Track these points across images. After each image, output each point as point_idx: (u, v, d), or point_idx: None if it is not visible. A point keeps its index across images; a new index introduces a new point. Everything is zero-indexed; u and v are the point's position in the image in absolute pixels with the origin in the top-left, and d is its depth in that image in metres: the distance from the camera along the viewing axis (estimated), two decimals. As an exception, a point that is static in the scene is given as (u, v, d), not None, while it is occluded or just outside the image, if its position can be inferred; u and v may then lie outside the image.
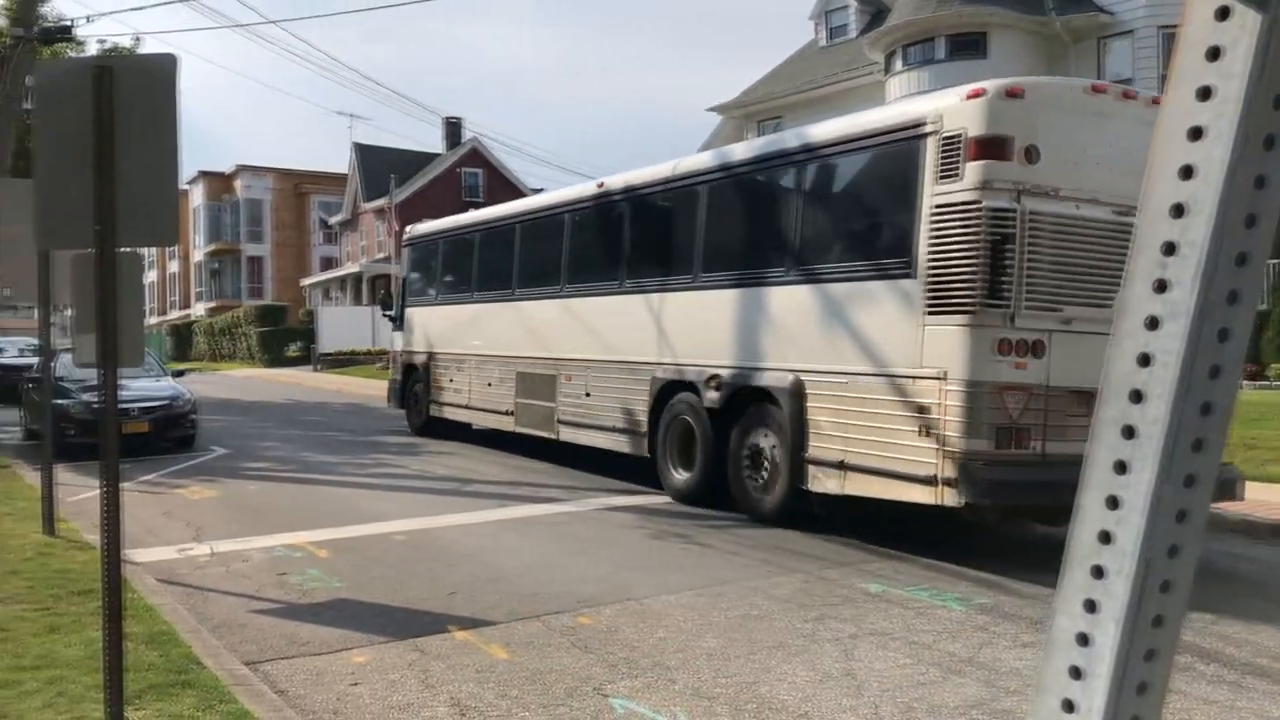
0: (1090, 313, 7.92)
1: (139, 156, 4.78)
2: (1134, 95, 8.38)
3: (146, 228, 4.88)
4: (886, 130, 8.59)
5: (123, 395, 17.80)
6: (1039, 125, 7.74)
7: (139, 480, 13.02)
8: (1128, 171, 8.04)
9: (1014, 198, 7.64)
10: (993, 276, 7.66)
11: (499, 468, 14.51)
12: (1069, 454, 7.84)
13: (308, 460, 15.24)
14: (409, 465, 14.64)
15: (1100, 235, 7.95)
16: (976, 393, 7.73)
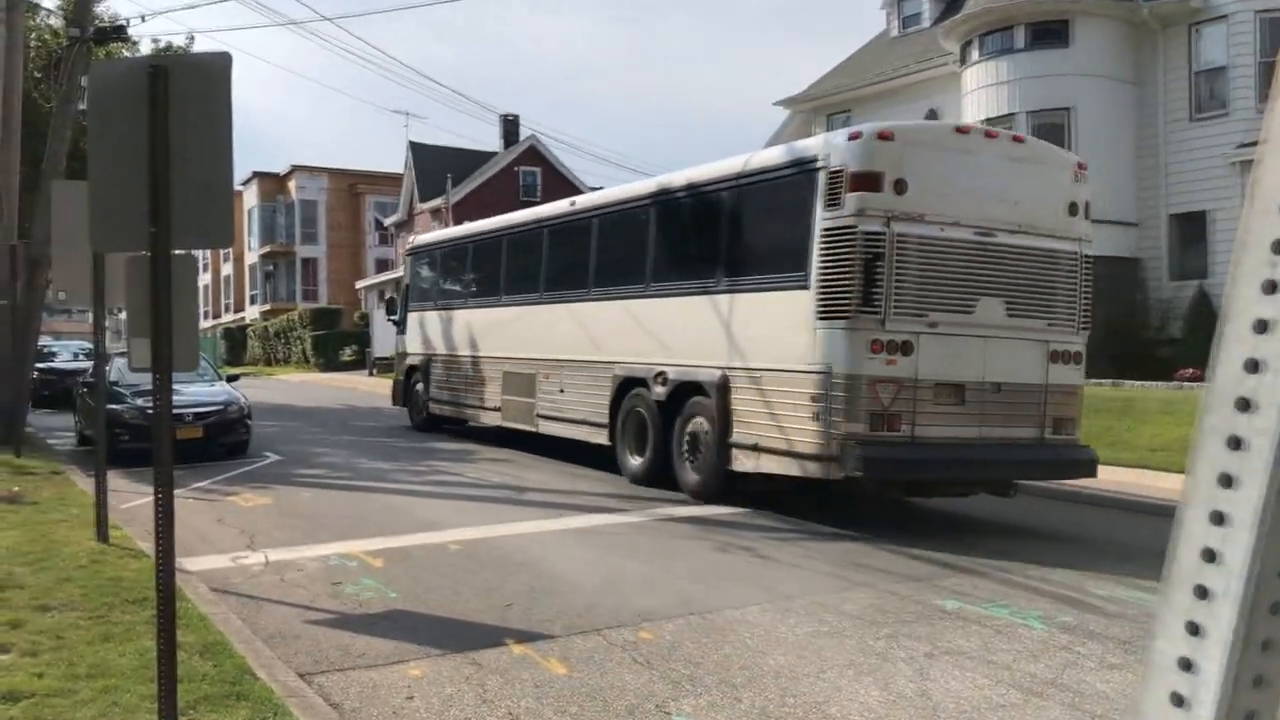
0: (953, 318, 10.06)
1: (193, 157, 4.87)
2: (995, 135, 10.60)
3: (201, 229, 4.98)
4: (789, 164, 10.68)
5: (176, 400, 18.03)
6: (907, 162, 9.85)
7: (192, 487, 13.28)
8: (989, 198, 10.15)
9: (884, 223, 9.75)
10: (866, 288, 9.75)
11: (555, 476, 14.58)
12: (935, 436, 10.07)
13: (361, 467, 15.43)
14: (464, 473, 14.76)
15: (962, 252, 10.06)
16: (854, 384, 9.82)
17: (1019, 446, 10.66)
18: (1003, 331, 10.48)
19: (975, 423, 10.40)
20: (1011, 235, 10.45)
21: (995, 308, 10.41)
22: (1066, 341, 10.79)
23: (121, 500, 11.99)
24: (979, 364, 10.38)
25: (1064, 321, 10.80)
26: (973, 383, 10.36)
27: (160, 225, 4.77)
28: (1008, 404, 10.58)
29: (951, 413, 10.27)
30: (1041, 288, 10.65)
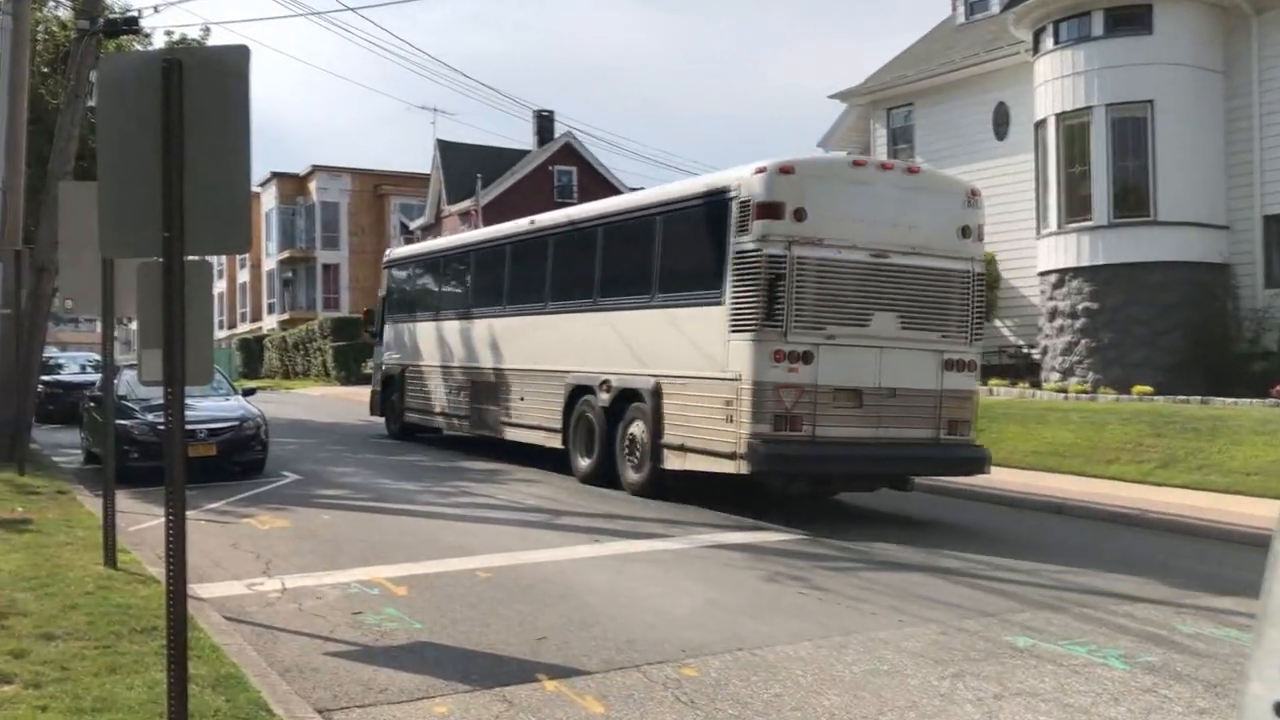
0: (850, 330, 12.30)
1: (209, 156, 4.94)
2: (891, 166, 13.00)
3: (217, 234, 5.05)
4: (709, 194, 12.97)
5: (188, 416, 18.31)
6: (807, 192, 12.11)
7: (204, 508, 13.43)
8: (883, 223, 12.44)
9: (785, 246, 12.02)
10: (769, 304, 11.99)
11: (593, 499, 14.59)
12: (835, 436, 12.29)
13: (385, 488, 15.54)
14: (494, 494, 14.82)
15: (857, 272, 12.34)
16: (760, 390, 12.04)
17: (914, 445, 12.85)
18: (897, 342, 12.69)
19: (872, 424, 12.62)
20: (905, 256, 12.70)
21: (889, 321, 12.66)
22: (960, 351, 13.06)
23: (130, 522, 12.15)
24: (875, 371, 12.61)
25: (956, 333, 13.04)
26: (869, 388, 12.58)
27: (174, 229, 4.85)
28: (903, 407, 12.79)
29: (850, 415, 12.49)
30: (934, 303, 12.89)
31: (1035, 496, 15.06)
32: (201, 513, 13.09)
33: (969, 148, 29.32)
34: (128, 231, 4.93)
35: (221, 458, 16.31)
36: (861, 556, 10.93)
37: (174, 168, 4.85)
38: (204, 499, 14.17)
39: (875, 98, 31.89)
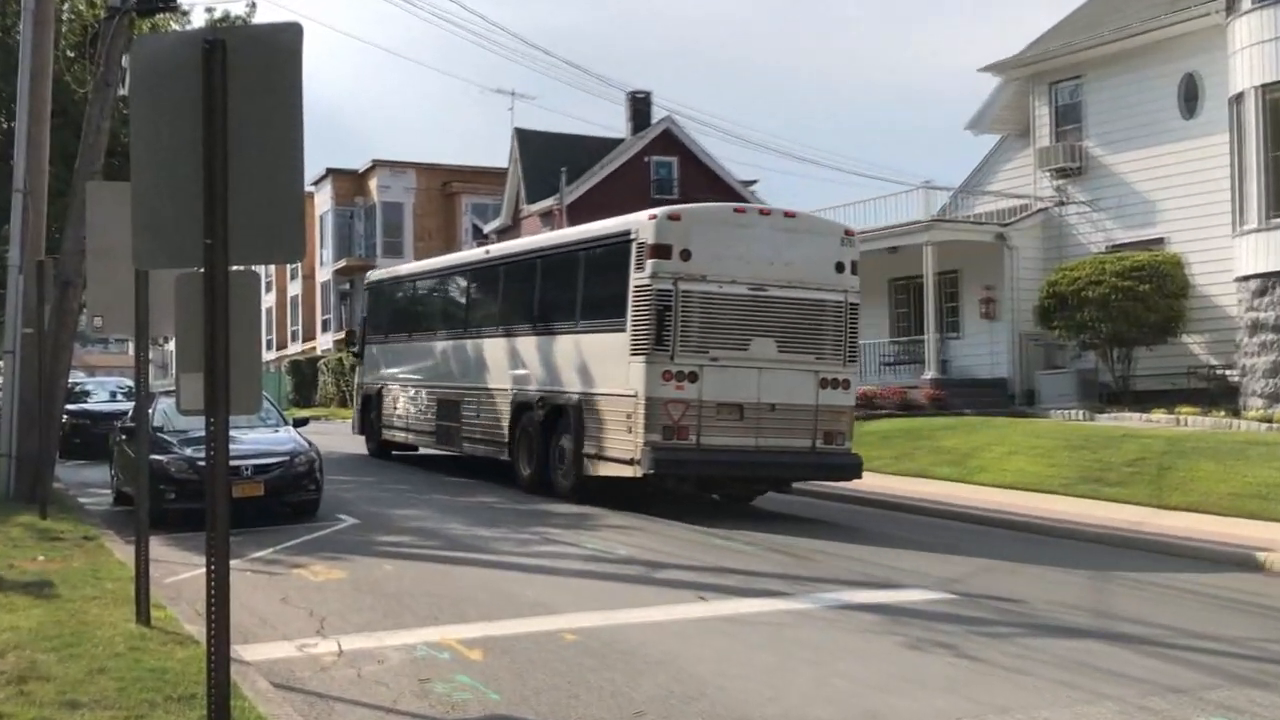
0: (731, 353, 16.80)
1: (257, 151, 5.05)
2: (769, 212, 17.75)
3: (266, 240, 5.17)
4: (618, 235, 17.72)
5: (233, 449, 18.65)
6: (692, 235, 16.67)
7: (250, 557, 13.67)
8: (762, 261, 16.95)
9: (673, 282, 16.51)
10: (659, 332, 16.48)
11: (697, 548, 14.57)
12: (719, 444, 16.79)
13: (456, 534, 15.69)
14: (583, 542, 14.87)
15: (738, 303, 16.84)
16: (652, 405, 16.47)
17: (792, 453, 17.29)
18: (776, 363, 17.08)
19: (753, 434, 17.01)
20: (782, 289, 17.12)
21: (768, 345, 17.07)
22: (835, 371, 17.45)
23: (166, 572, 12.42)
24: (755, 388, 16.98)
25: (832, 355, 17.44)
26: (750, 403, 16.98)
27: (216, 236, 4.96)
28: (782, 420, 17.12)
29: (732, 426, 16.94)
30: (811, 329, 17.34)
31: (1232, 548, 14.70)
32: (246, 562, 13.32)
33: (1150, 128, 28.79)
34: (164, 238, 5.06)
35: (269, 498, 16.60)
36: (1020, 618, 10.75)
37: (217, 164, 4.96)
38: (249, 546, 14.42)
39: (1035, 70, 31.49)
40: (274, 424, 18.95)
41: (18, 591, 10.81)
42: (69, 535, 14.48)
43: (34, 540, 14.05)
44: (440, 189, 67.05)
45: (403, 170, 66.98)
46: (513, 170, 56.63)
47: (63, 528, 15.07)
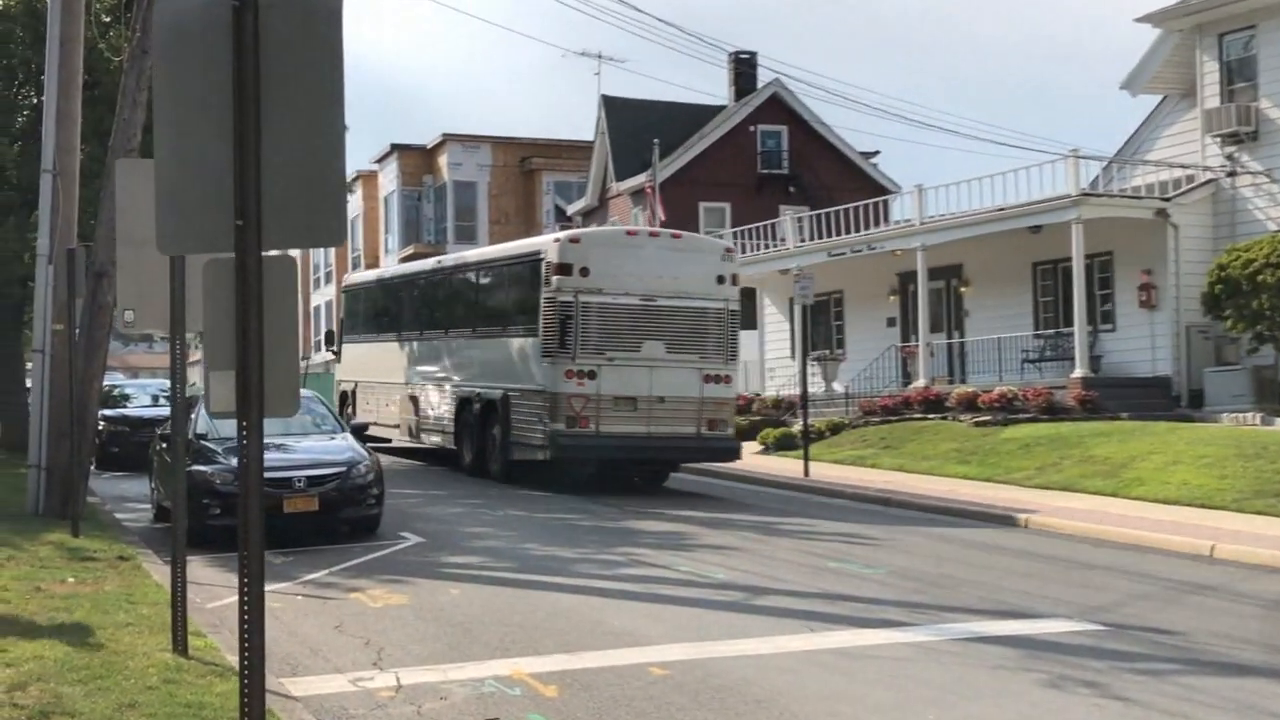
0: (625, 354, 22.71)
1: (293, 121, 5.10)
2: (658, 234, 25.02)
3: (303, 222, 5.22)
4: (532, 253, 23.99)
5: (283, 459, 18.97)
6: (590, 255, 22.79)
7: (302, 580, 13.86)
8: (649, 276, 22.92)
9: (574, 295, 22.50)
10: (562, 337, 22.41)
11: (806, 572, 14.53)
12: (615, 432, 22.64)
13: (532, 554, 15.78)
14: (674, 564, 14.88)
15: (630, 312, 22.79)
16: (557, 399, 22.37)
17: (680, 439, 23.22)
18: (664, 362, 22.84)
19: (645, 423, 22.76)
20: (669, 299, 22.96)
21: (658, 347, 22.81)
22: (717, 369, 23.24)
23: (209, 597, 12.64)
24: (647, 384, 22.71)
25: (715, 355, 23.26)
26: (643, 397, 22.69)
27: (249, 217, 5.02)
28: (671, 410, 22.89)
29: (627, 416, 22.68)
30: (695, 333, 23.15)
31: None
32: (297, 585, 13.51)
33: (1337, 86, 28.13)
34: (190, 220, 5.13)
35: (325, 514, 16.82)
36: (1178, 653, 10.57)
37: (248, 136, 5.02)
38: (301, 567, 14.62)
39: (1201, 19, 30.89)
40: (330, 430, 19.18)
41: (44, 617, 11.04)
42: (102, 555, 14.77)
43: (64, 560, 14.35)
44: (518, 166, 67.31)
45: (476, 145, 67.30)
46: (599, 144, 56.74)
47: (96, 546, 15.37)
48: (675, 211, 45.52)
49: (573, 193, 63.45)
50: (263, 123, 5.06)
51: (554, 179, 66.29)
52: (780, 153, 52.92)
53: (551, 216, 65.46)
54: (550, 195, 66.02)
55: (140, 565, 14.26)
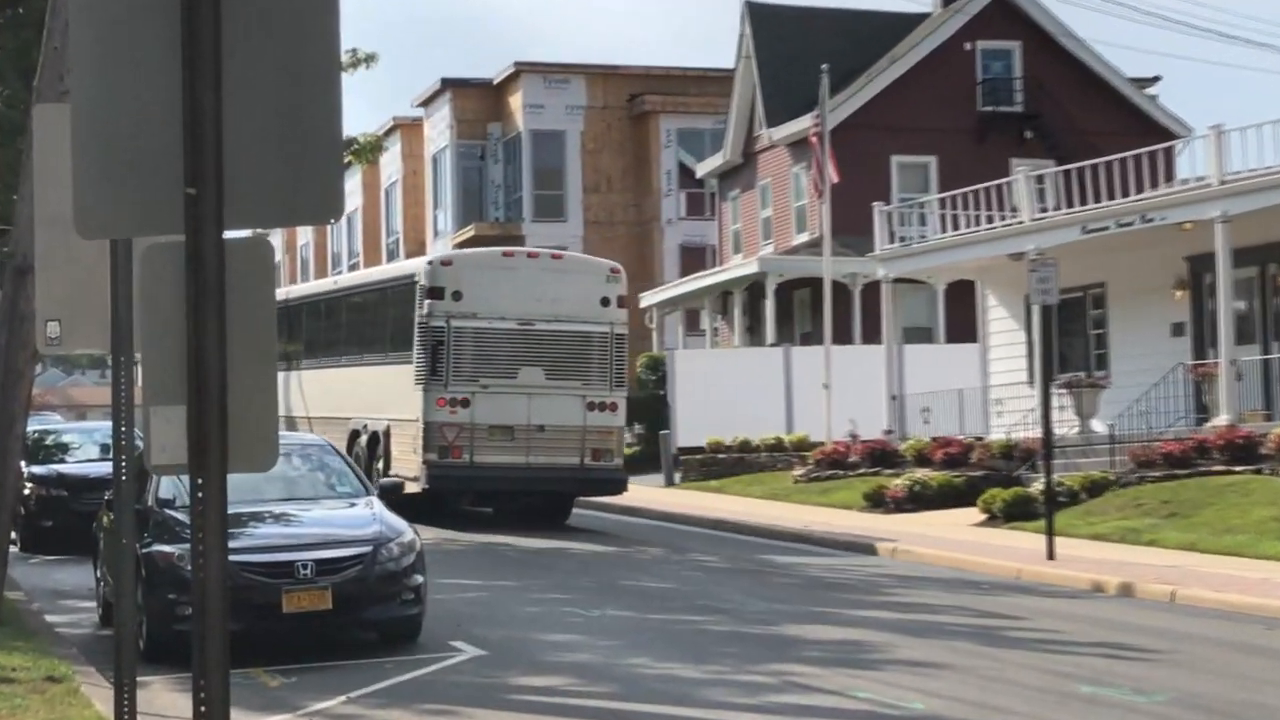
0: (500, 381, 32.20)
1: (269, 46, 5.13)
2: (536, 254, 37.21)
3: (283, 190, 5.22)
4: (408, 276, 34.83)
5: (283, 535, 18.80)
6: (463, 278, 32.74)
7: (308, 711, 13.96)
8: (530, 299, 32.59)
9: (445, 320, 32.14)
10: (434, 363, 32.13)
11: (1044, 699, 14.40)
12: (491, 462, 32.39)
13: (641, 674, 15.80)
14: (851, 688, 14.78)
15: (506, 336, 32.35)
16: (430, 428, 32.13)
17: (562, 470, 31.50)
18: (544, 389, 31.02)
19: (523, 453, 31.06)
20: (549, 323, 31.21)
21: (536, 373, 30.98)
22: (602, 395, 31.16)
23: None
24: (525, 412, 30.90)
25: (599, 381, 31.23)
26: (520, 425, 30.91)
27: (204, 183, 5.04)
28: (551, 440, 31.06)
29: (504, 446, 31.06)
30: (577, 359, 31.25)
31: None
32: (302, 718, 13.62)
33: None
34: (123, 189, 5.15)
35: (342, 613, 16.91)
36: None
37: (204, 63, 5.04)
38: (307, 692, 14.73)
39: None
40: (349, 494, 19.28)
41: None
42: (24, 675, 14.85)
43: (-29, 682, 14.51)
44: (625, 108, 67.34)
45: (564, 78, 67.34)
46: (742, 73, 56.65)
47: (15, 663, 15.46)
48: (856, 168, 45.29)
49: (705, 145, 63.40)
50: (224, 44, 5.09)
51: (676, 125, 66.14)
52: (1011, 81, 52.60)
53: (673, 180, 65.44)
54: (672, 149, 65.94)
55: (78, 690, 14.35)
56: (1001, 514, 29.56)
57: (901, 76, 52.00)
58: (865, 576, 24.25)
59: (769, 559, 26.61)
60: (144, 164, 5.17)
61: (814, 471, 38.29)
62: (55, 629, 19.15)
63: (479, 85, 69.73)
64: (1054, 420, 27.39)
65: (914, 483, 32.84)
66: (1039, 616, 19.68)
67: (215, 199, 5.07)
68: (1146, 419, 32.86)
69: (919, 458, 35.20)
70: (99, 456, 32.31)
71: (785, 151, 53.90)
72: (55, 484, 30.31)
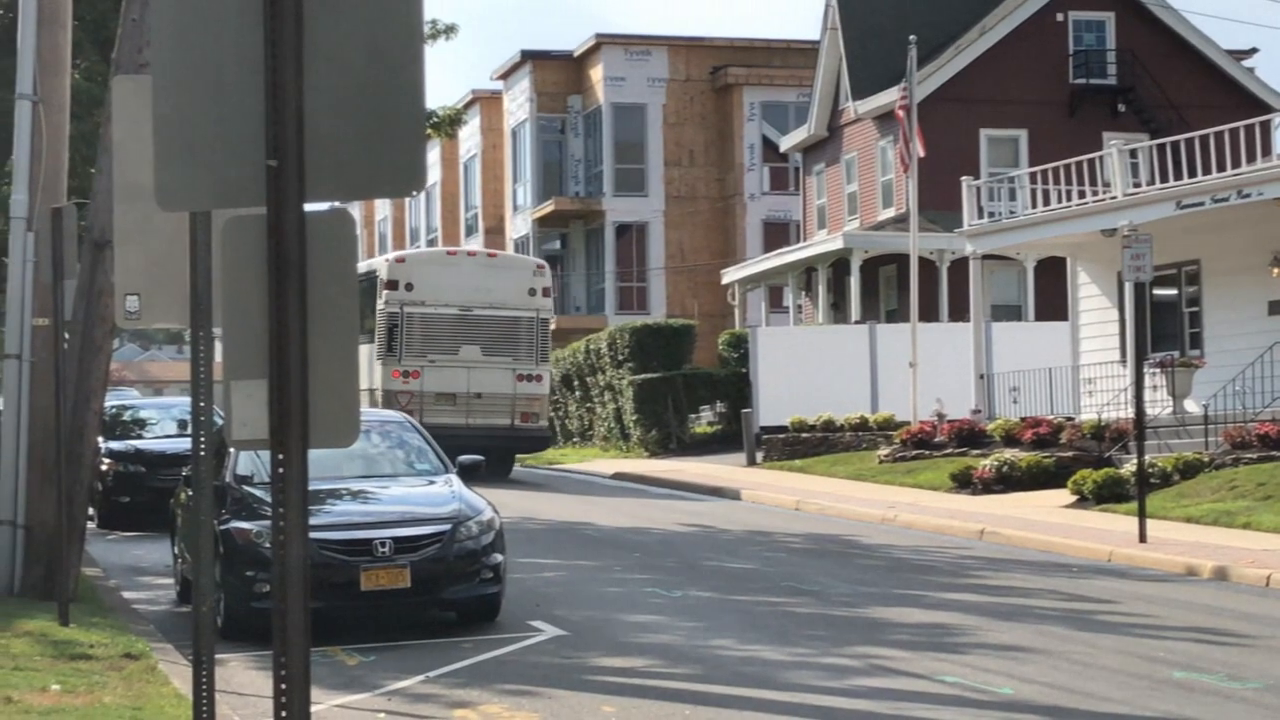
0: (445, 357, 43.86)
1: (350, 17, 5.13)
2: (475, 253, 55.47)
3: (365, 163, 5.24)
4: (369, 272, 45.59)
5: (361, 512, 18.84)
6: (414, 273, 45.22)
7: (386, 690, 13.98)
8: (469, 289, 44.33)
9: (400, 307, 43.92)
10: (390, 341, 43.98)
11: (1135, 684, 14.30)
12: (437, 423, 36.27)
13: (723, 655, 15.77)
14: (939, 671, 14.75)
15: (449, 320, 44.19)
16: (387, 395, 43.20)
17: (496, 430, 42.19)
18: (481, 364, 42.52)
19: (464, 416, 41.97)
20: (485, 310, 42.74)
21: (475, 351, 42.51)
22: (529, 369, 42.95)
23: (253, 713, 12.73)
24: (465, 382, 42.31)
25: (526, 357, 43.02)
26: (461, 393, 42.27)
27: (286, 155, 5.06)
28: (487, 405, 42.43)
29: (448, 410, 41.71)
30: (508, 339, 43.00)
31: None
32: (380, 697, 13.64)
33: None
34: (203, 161, 5.18)
35: (420, 592, 16.95)
36: None
37: (285, 37, 5.06)
38: (386, 671, 14.78)
39: None
40: (428, 471, 19.30)
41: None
42: (102, 652, 14.94)
43: (47, 659, 14.55)
44: (708, 80, 67.34)
45: (645, 50, 67.39)
46: (828, 44, 56.52)
47: (93, 639, 15.55)
48: (943, 142, 45.22)
49: (788, 118, 63.25)
50: (305, 14, 5.10)
51: (760, 98, 66.08)
52: (1104, 54, 52.26)
53: (756, 154, 65.33)
54: (756, 122, 65.85)
55: (155, 667, 14.42)
56: (1092, 495, 29.33)
57: (991, 48, 51.77)
58: (953, 559, 24.16)
59: (853, 540, 26.54)
60: (225, 136, 5.20)
61: (899, 451, 37.98)
62: (132, 606, 19.26)
63: (559, 57, 69.86)
64: (1146, 400, 27.23)
65: (1002, 463, 32.47)
66: (1130, 600, 19.57)
67: (297, 171, 5.09)
68: (1241, 399, 32.56)
69: (1007, 438, 34.91)
70: (176, 432, 32.43)
71: (871, 125, 53.77)
72: (132, 460, 30.44)
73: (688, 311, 61.92)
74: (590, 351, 55.86)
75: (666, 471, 42.84)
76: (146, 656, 14.90)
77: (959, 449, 36.35)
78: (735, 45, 68.13)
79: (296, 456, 5.17)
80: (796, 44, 64.77)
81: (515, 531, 18.80)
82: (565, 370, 57.36)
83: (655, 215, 67.25)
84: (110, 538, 27.41)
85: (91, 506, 22.73)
